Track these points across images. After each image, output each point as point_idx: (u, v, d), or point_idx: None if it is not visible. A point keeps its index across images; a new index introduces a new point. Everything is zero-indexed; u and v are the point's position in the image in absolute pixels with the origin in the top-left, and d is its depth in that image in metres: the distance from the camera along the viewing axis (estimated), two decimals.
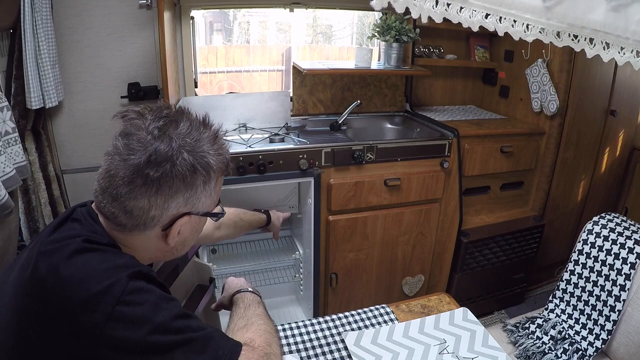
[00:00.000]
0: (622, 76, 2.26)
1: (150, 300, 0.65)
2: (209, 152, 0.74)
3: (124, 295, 0.63)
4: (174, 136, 0.70)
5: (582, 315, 1.42)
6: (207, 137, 0.75)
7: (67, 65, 1.94)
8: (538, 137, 2.25)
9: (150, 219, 0.72)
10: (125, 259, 0.70)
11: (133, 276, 0.66)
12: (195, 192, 0.74)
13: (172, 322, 0.66)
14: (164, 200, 0.71)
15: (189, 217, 0.76)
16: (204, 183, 0.74)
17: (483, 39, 2.53)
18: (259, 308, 0.92)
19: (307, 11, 2.32)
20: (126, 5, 1.95)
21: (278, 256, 2.22)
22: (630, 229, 1.38)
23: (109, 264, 0.66)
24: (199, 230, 0.83)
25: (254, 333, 0.81)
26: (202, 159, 0.73)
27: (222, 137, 0.80)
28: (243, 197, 2.00)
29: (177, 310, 0.68)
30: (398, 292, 2.16)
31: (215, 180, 0.77)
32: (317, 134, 2.06)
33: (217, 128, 0.79)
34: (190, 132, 0.72)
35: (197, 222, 0.80)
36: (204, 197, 0.76)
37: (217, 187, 0.79)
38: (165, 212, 0.72)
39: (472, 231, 2.15)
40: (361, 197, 1.90)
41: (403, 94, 2.47)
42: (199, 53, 2.36)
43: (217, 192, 0.80)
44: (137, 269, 0.68)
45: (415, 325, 1.03)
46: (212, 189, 0.77)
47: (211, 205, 0.80)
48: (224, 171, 0.80)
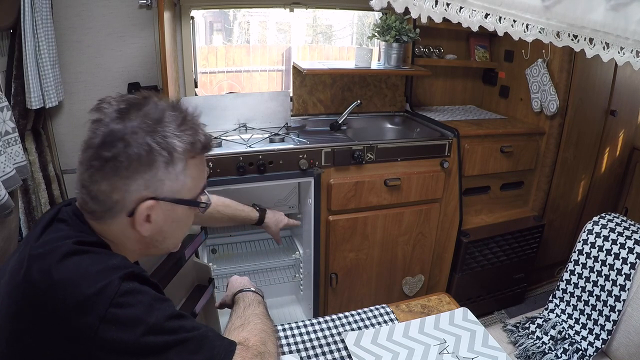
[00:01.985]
0: (622, 76, 2.26)
1: (143, 302, 0.65)
2: (173, 134, 0.71)
3: (117, 297, 0.62)
4: (133, 117, 0.69)
5: (582, 315, 1.42)
6: (173, 118, 0.72)
7: (67, 65, 1.95)
8: (538, 137, 2.25)
9: (115, 204, 0.70)
10: (117, 260, 0.69)
11: (126, 277, 0.65)
12: (155, 174, 0.70)
13: (166, 322, 0.66)
14: (122, 182, 0.69)
15: (155, 202, 0.72)
16: (165, 165, 0.70)
17: (483, 39, 2.53)
18: (258, 307, 0.92)
19: (307, 11, 2.32)
20: (126, 5, 1.95)
21: (278, 256, 2.22)
22: (630, 229, 1.38)
23: (101, 265, 0.66)
24: (178, 220, 0.78)
25: (250, 332, 0.81)
26: (163, 139, 0.69)
27: (194, 120, 0.75)
28: (243, 197, 1.99)
29: (171, 310, 0.68)
30: (398, 292, 2.16)
31: (184, 163, 0.72)
32: (317, 134, 2.06)
33: (187, 110, 0.75)
34: (151, 114, 0.70)
35: (171, 209, 0.75)
36: (168, 180, 0.72)
37: (188, 171, 0.74)
38: (127, 195, 0.70)
39: (472, 231, 2.15)
40: (361, 197, 1.90)
41: (403, 94, 2.47)
42: (199, 53, 2.36)
43: (190, 177, 0.75)
44: (130, 270, 0.67)
45: (415, 325, 1.03)
46: (180, 172, 0.72)
47: (184, 191, 0.75)
48: (196, 154, 0.74)
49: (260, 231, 2.32)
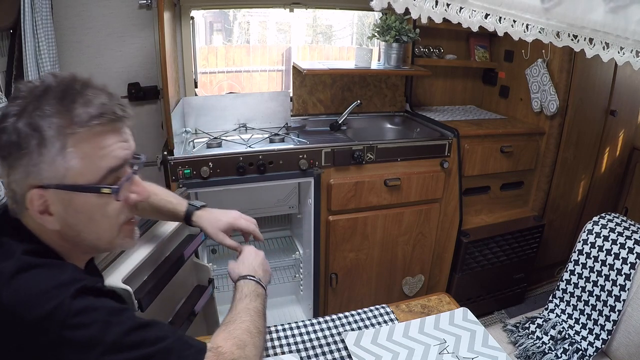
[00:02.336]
0: (622, 76, 2.26)
1: (98, 320, 0.61)
2: (45, 111, 0.62)
3: (69, 319, 0.59)
4: (18, 101, 0.64)
5: (582, 315, 1.42)
6: (54, 94, 0.64)
7: (67, 65, 1.94)
8: (538, 137, 2.25)
9: (15, 195, 0.67)
10: (67, 273, 0.64)
11: (77, 294, 0.61)
12: (30, 159, 0.63)
13: (126, 337, 0.62)
14: (9, 172, 0.65)
15: (42, 191, 0.65)
16: (37, 147, 0.62)
17: (483, 39, 2.53)
18: (253, 302, 0.87)
19: (307, 11, 2.32)
20: (126, 5, 1.95)
21: (278, 256, 2.23)
22: (630, 229, 1.38)
23: (51, 282, 0.61)
24: (83, 210, 0.68)
25: (230, 334, 0.78)
26: (32, 120, 0.62)
27: (82, 90, 0.65)
28: (243, 197, 2.00)
29: (130, 322, 0.63)
30: (398, 292, 2.16)
31: (61, 143, 0.63)
32: (317, 134, 2.06)
33: (73, 81, 0.66)
34: (34, 93, 0.64)
35: (67, 198, 0.66)
36: (44, 164, 0.63)
37: (70, 151, 0.63)
38: (16, 186, 0.66)
39: (472, 231, 2.15)
40: (361, 197, 1.90)
41: (403, 94, 2.47)
42: (199, 53, 2.36)
43: (77, 157, 0.64)
44: (81, 285, 0.62)
45: (415, 325, 1.03)
46: (56, 154, 0.63)
47: (73, 176, 0.65)
48: (79, 128, 0.63)
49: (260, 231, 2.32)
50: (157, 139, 2.12)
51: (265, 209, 2.10)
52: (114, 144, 0.69)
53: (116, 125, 0.69)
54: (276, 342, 0.97)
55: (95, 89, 0.67)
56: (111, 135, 0.68)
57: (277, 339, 0.98)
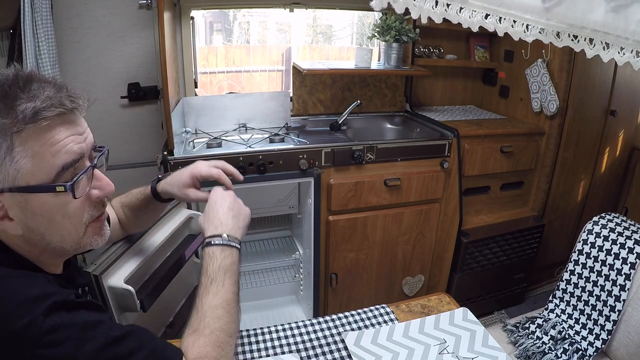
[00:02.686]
0: (622, 76, 2.26)
1: (72, 337, 0.59)
2: None
3: (42, 337, 0.57)
4: None
5: (582, 315, 1.42)
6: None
7: (67, 66, 1.94)
8: (538, 137, 2.25)
9: None
10: (38, 287, 0.62)
11: (49, 311, 0.59)
12: None
13: (100, 354, 0.60)
14: None
15: (5, 194, 0.62)
16: None
17: (483, 39, 2.53)
18: (223, 283, 0.79)
19: (307, 11, 2.32)
20: (126, 5, 1.95)
21: (278, 256, 2.23)
22: (630, 229, 1.38)
23: (22, 297, 0.59)
24: (42, 213, 0.65)
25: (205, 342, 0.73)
26: None
27: (22, 86, 0.61)
28: (243, 197, 1.99)
29: (104, 337, 0.62)
30: (398, 292, 2.16)
31: (8, 143, 0.59)
32: (317, 134, 2.06)
33: (11, 78, 0.62)
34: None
35: (23, 200, 0.63)
36: None
37: (19, 150, 0.60)
38: None
39: (472, 231, 2.15)
40: (361, 197, 1.90)
41: (403, 94, 2.47)
42: (199, 53, 2.36)
43: (27, 157, 0.61)
44: (53, 301, 0.60)
45: (415, 325, 1.03)
46: (5, 155, 0.60)
47: (25, 176, 0.61)
48: (23, 126, 0.60)
49: (260, 231, 2.33)
50: (157, 139, 2.12)
51: (265, 209, 2.10)
52: (66, 138, 0.64)
53: (67, 117, 0.64)
54: (276, 342, 0.97)
55: (41, 82, 0.63)
56: (62, 130, 0.64)
57: (277, 339, 0.98)
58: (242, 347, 0.94)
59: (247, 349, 0.94)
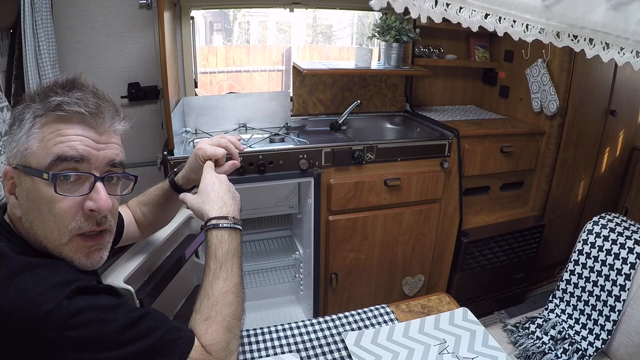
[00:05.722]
0: (622, 76, 2.26)
1: (96, 318, 0.63)
2: (33, 97, 0.70)
3: (68, 319, 0.60)
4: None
5: (582, 315, 1.42)
6: (43, 88, 0.72)
7: (67, 65, 1.94)
8: (538, 137, 2.25)
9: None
10: (61, 273, 0.65)
11: (73, 295, 0.62)
12: (12, 139, 0.70)
13: (121, 334, 0.64)
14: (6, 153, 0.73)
15: (8, 168, 0.70)
16: (18, 126, 0.69)
17: (483, 39, 2.53)
18: (232, 268, 0.80)
19: (307, 11, 2.32)
20: (126, 5, 1.95)
21: (278, 256, 2.22)
22: (630, 229, 1.38)
23: (45, 285, 0.62)
24: (33, 199, 0.68)
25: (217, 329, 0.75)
26: (24, 104, 0.70)
27: (67, 88, 0.70)
28: (243, 197, 1.99)
29: (126, 318, 0.66)
30: (398, 292, 2.16)
31: (31, 123, 0.68)
32: (317, 134, 2.06)
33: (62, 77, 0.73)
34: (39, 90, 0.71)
35: (25, 182, 0.68)
36: (14, 142, 0.69)
37: (35, 131, 0.67)
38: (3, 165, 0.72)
39: (472, 231, 2.15)
40: (361, 197, 1.90)
41: (403, 94, 2.47)
42: (199, 53, 2.36)
43: (37, 138, 0.67)
44: (76, 286, 0.63)
45: (415, 325, 1.03)
46: (25, 132, 0.68)
47: (29, 157, 0.67)
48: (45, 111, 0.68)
49: (260, 231, 2.33)
50: (157, 139, 2.12)
51: (265, 209, 2.10)
52: (76, 135, 0.68)
53: (87, 120, 0.69)
54: (276, 342, 0.97)
55: (82, 87, 0.72)
56: (77, 128, 0.69)
57: (277, 339, 0.98)
58: (242, 347, 0.94)
59: (247, 349, 0.94)
